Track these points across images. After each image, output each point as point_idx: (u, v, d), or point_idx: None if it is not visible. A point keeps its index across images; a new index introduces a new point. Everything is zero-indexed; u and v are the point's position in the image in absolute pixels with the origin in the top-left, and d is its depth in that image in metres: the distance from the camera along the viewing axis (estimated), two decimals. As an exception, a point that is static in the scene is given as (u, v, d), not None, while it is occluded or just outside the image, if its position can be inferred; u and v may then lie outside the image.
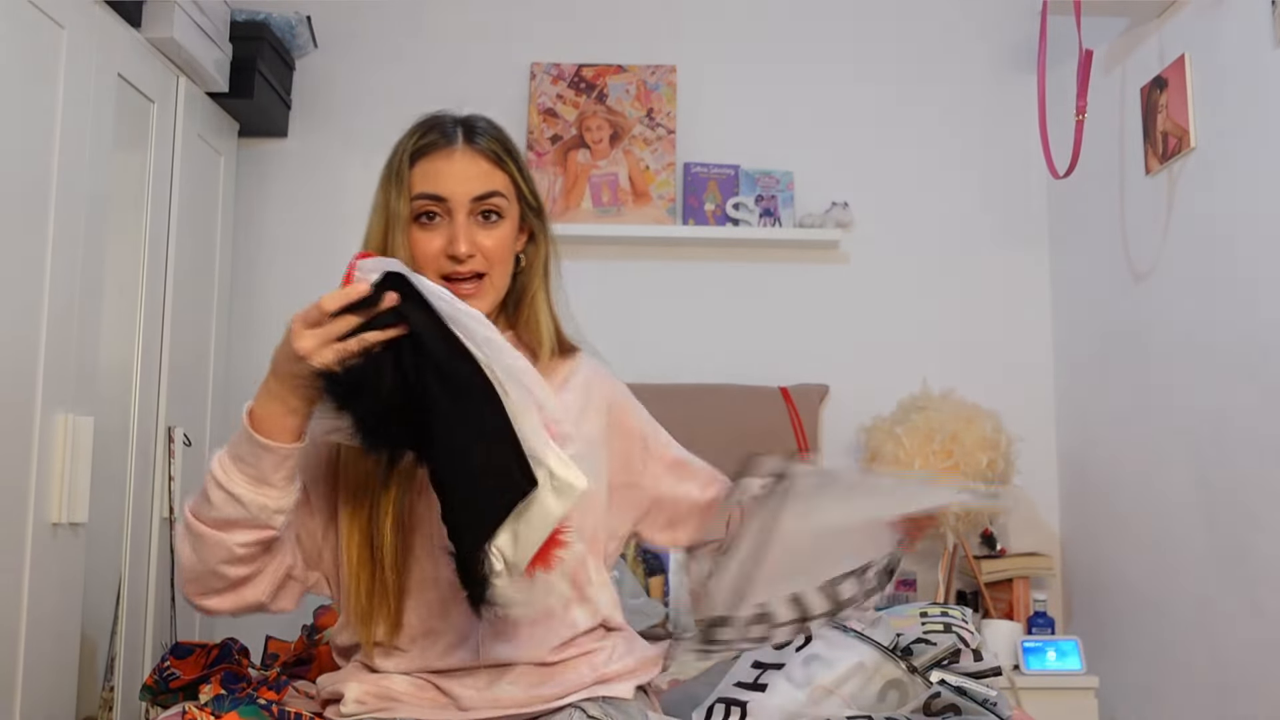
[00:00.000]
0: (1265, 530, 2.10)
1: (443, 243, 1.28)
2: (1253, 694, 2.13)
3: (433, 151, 1.30)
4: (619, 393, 1.49)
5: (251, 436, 1.12)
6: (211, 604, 1.21)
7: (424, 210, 1.29)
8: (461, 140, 1.30)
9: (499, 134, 1.35)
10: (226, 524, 1.15)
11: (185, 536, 1.18)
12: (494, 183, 1.31)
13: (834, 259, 3.02)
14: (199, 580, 1.19)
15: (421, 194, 1.29)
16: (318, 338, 1.08)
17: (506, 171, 1.33)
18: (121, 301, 2.27)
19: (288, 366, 1.11)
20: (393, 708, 1.23)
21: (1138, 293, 2.57)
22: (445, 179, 1.29)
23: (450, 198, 1.28)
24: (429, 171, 1.29)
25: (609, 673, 1.29)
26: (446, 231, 1.28)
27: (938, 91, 3.08)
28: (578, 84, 3.00)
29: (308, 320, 1.09)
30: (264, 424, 1.13)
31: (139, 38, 2.31)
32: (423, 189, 1.29)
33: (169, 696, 1.50)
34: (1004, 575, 2.71)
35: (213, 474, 1.15)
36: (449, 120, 1.33)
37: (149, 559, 2.34)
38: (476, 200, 1.29)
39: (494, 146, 1.32)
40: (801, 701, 1.21)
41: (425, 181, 1.29)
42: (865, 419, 2.82)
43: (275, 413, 1.13)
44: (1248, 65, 2.16)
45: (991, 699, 1.18)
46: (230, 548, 1.16)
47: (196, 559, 1.18)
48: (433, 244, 1.29)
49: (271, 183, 2.99)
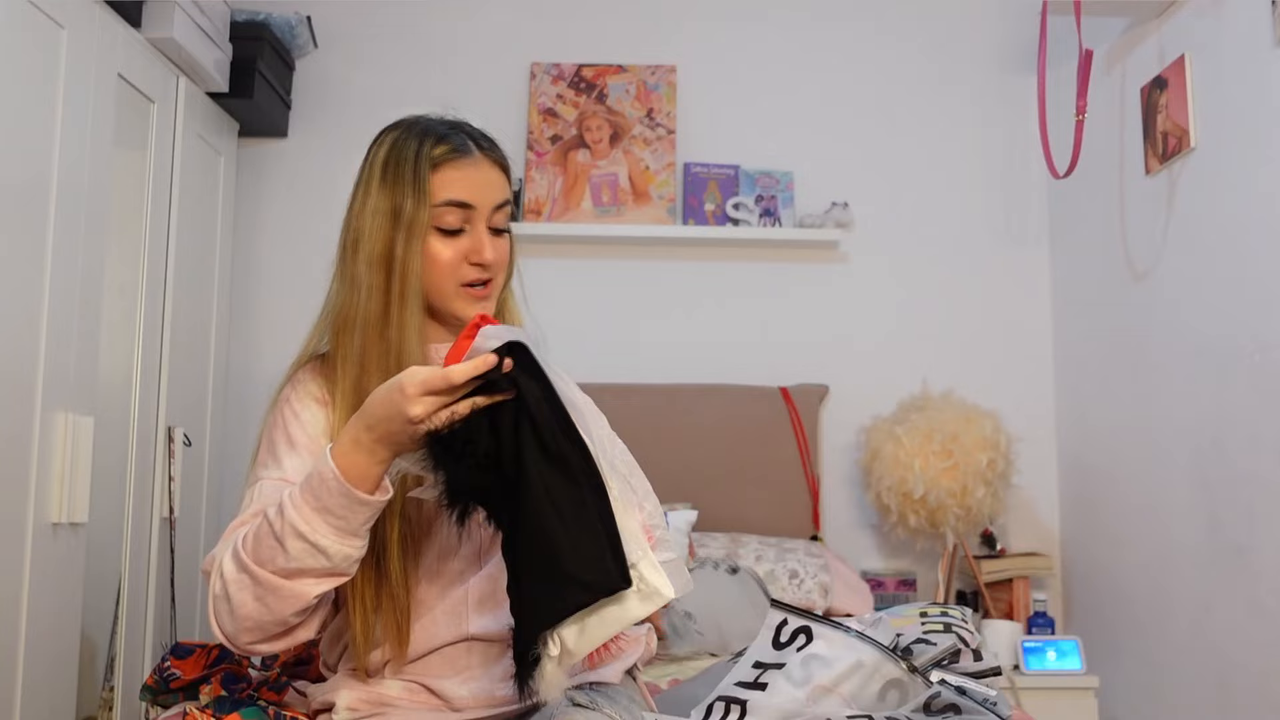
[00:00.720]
0: (1265, 530, 2.10)
1: (462, 251, 1.27)
2: (1253, 694, 2.13)
3: (458, 159, 1.28)
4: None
5: (349, 491, 1.08)
6: (264, 649, 1.17)
7: (445, 218, 1.27)
8: (478, 149, 1.30)
9: (499, 144, 1.37)
10: (302, 573, 1.11)
11: (248, 587, 1.12)
12: (507, 192, 1.32)
13: (834, 259, 3.02)
14: (260, 629, 1.14)
15: (449, 201, 1.27)
16: (435, 404, 1.05)
17: (509, 180, 1.34)
18: (121, 301, 2.28)
19: (393, 426, 1.07)
20: (386, 713, 1.23)
21: (1138, 293, 2.57)
22: (475, 187, 1.28)
23: (479, 205, 1.28)
24: (453, 179, 1.27)
25: (596, 659, 1.28)
26: (468, 240, 1.28)
27: (938, 91, 3.08)
28: (578, 84, 3.00)
29: (430, 387, 1.05)
30: (349, 474, 1.09)
31: (139, 38, 2.31)
32: (450, 196, 1.27)
33: (169, 697, 1.50)
34: (1004, 575, 2.71)
35: (293, 525, 1.09)
36: (461, 127, 1.33)
37: (149, 559, 2.34)
38: (496, 209, 1.29)
39: (502, 158, 1.33)
40: (801, 700, 1.21)
41: (452, 188, 1.27)
42: (865, 419, 2.82)
43: (362, 464, 1.09)
44: (1248, 65, 2.16)
45: (991, 699, 1.18)
46: (307, 598, 1.12)
47: (263, 608, 1.12)
48: (454, 252, 1.28)
49: (271, 183, 2.99)
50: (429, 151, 1.28)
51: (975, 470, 2.56)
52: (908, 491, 2.59)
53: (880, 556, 2.94)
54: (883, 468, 2.64)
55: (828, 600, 2.44)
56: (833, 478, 2.94)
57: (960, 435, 2.57)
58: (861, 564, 2.90)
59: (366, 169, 1.32)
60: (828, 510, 2.91)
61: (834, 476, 2.94)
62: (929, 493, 2.56)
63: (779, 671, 1.23)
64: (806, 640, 1.24)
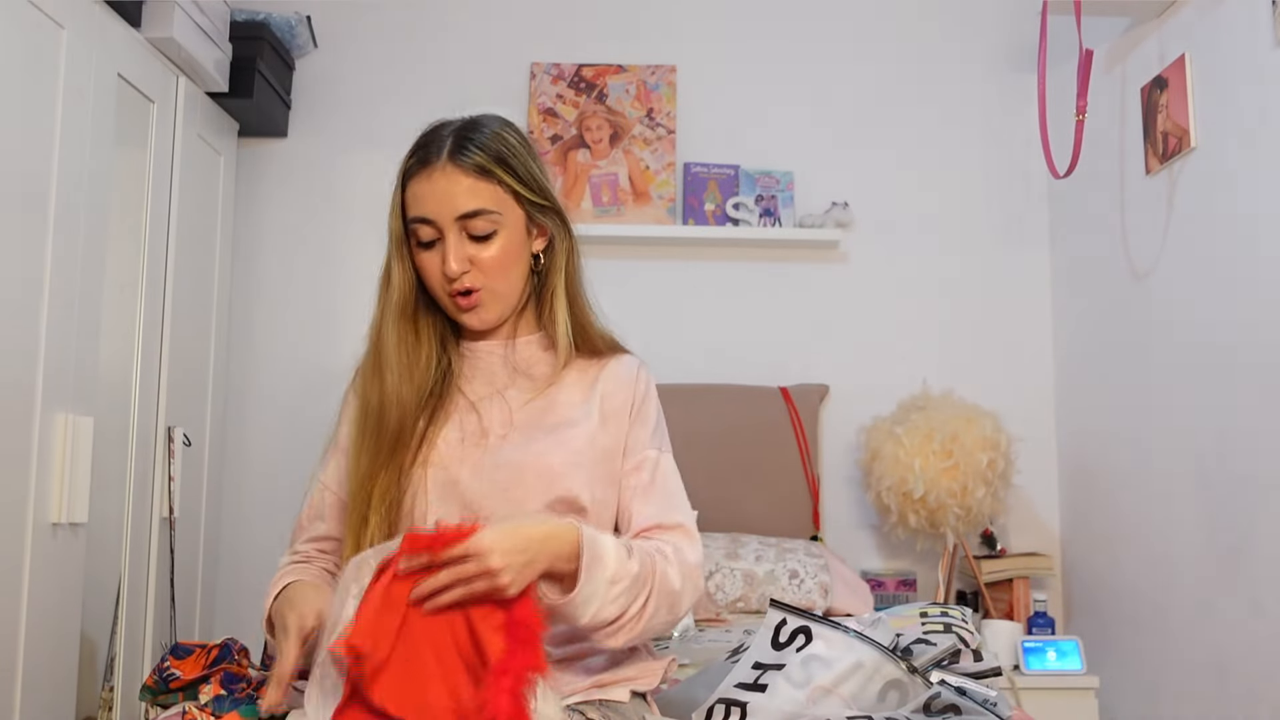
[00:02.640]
0: (1265, 530, 2.10)
1: (438, 263, 1.31)
2: (1253, 694, 2.13)
3: (418, 173, 1.31)
4: (635, 405, 1.38)
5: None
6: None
7: (420, 232, 1.31)
8: (446, 157, 1.29)
9: (491, 142, 1.31)
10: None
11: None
12: (479, 199, 1.29)
13: (834, 259, 3.02)
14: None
15: (413, 218, 1.31)
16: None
17: (497, 182, 1.30)
18: (121, 301, 2.27)
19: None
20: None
21: (1138, 293, 2.57)
22: (427, 201, 1.29)
23: (436, 219, 1.30)
24: (416, 194, 1.31)
25: (606, 679, 1.27)
26: (442, 251, 1.31)
27: (938, 91, 3.08)
28: (578, 84, 3.00)
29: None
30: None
31: (139, 38, 2.31)
32: (413, 213, 1.31)
33: (169, 697, 1.50)
34: (1004, 575, 2.71)
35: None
36: (444, 133, 1.32)
37: (149, 559, 2.34)
38: (463, 218, 1.29)
39: (479, 159, 1.29)
40: (801, 702, 1.21)
41: (414, 205, 1.31)
42: (865, 419, 2.82)
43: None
44: (1248, 65, 2.16)
45: (991, 699, 1.18)
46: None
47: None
48: (434, 264, 1.31)
49: (271, 183, 2.99)
50: (403, 166, 1.34)
51: (975, 470, 2.56)
52: (908, 491, 2.59)
53: (880, 556, 2.94)
54: (883, 468, 2.64)
55: (828, 600, 2.44)
56: (833, 478, 2.94)
57: (960, 435, 2.57)
58: (861, 564, 2.90)
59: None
60: (828, 510, 2.90)
61: (834, 476, 2.94)
62: (929, 493, 2.56)
63: (779, 672, 1.23)
64: (806, 640, 1.24)
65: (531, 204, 1.34)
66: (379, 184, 1.49)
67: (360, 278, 1.35)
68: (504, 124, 1.36)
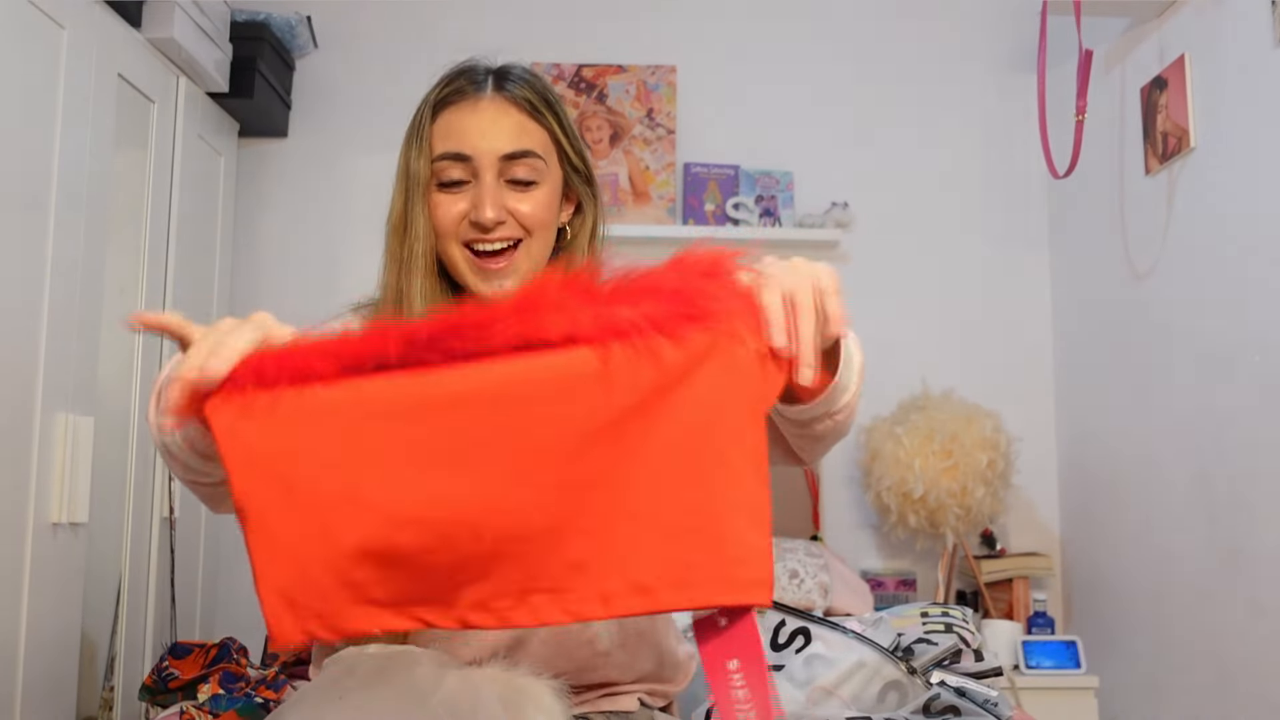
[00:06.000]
0: (1265, 529, 2.10)
1: (466, 206, 1.10)
2: (1253, 694, 2.13)
3: (457, 101, 1.11)
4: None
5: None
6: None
7: (446, 172, 1.11)
8: (491, 88, 1.11)
9: (538, 82, 1.15)
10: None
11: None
12: (528, 139, 1.11)
13: (834, 259, 3.02)
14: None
15: (443, 154, 1.10)
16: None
17: (545, 126, 1.13)
18: (121, 301, 2.27)
19: None
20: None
21: (1138, 293, 2.57)
22: (470, 134, 1.10)
23: (475, 155, 1.10)
24: (452, 126, 1.11)
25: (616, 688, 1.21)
26: (472, 195, 1.10)
27: (938, 91, 3.08)
28: (578, 84, 3.00)
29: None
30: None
31: (139, 38, 2.30)
32: (445, 148, 1.10)
33: (168, 696, 1.50)
34: (1004, 575, 2.71)
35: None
36: (480, 67, 1.15)
37: (149, 559, 2.34)
38: (507, 159, 1.10)
39: (529, 95, 1.13)
40: (801, 702, 1.21)
41: (448, 138, 1.10)
42: (865, 419, 2.82)
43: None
44: (1248, 65, 2.16)
45: (992, 699, 1.18)
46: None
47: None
48: (455, 207, 1.10)
49: (271, 183, 2.99)
50: (433, 95, 1.14)
51: (975, 470, 2.56)
52: (908, 491, 2.59)
53: (880, 556, 2.94)
54: (883, 468, 2.64)
55: (828, 600, 2.43)
56: (833, 478, 2.94)
57: (960, 435, 2.57)
58: (861, 564, 2.90)
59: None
60: (828, 510, 2.90)
61: (834, 476, 2.94)
62: (929, 493, 2.56)
63: (779, 673, 1.23)
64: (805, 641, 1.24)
65: (570, 165, 1.17)
66: (379, 184, 1.45)
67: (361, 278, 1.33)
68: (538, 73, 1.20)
